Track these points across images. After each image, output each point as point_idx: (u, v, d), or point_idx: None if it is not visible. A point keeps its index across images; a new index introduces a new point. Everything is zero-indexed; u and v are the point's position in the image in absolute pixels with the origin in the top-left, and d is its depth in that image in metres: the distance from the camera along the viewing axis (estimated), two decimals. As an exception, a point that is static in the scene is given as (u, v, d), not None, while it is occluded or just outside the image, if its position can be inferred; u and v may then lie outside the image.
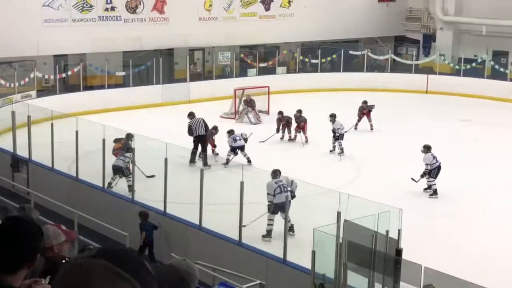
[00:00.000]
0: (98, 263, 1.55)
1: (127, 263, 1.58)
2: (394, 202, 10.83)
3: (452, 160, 17.00)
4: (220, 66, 32.31)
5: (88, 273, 1.53)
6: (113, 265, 1.55)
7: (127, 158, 15.93)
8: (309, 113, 22.23)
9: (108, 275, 1.53)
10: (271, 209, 13.23)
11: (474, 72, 31.20)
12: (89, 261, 1.57)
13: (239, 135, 18.91)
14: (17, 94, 24.09)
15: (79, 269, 1.55)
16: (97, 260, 1.56)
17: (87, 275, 1.53)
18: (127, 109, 26.44)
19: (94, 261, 1.56)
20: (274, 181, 13.46)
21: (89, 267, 1.54)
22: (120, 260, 1.57)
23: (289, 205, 12.82)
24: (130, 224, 13.27)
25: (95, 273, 1.53)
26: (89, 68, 27.90)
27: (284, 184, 13.41)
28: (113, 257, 1.57)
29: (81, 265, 1.56)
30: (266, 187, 13.35)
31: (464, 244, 13.71)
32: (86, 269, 1.54)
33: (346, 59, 32.75)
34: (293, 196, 13.39)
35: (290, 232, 12.97)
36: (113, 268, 1.54)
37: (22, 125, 17.75)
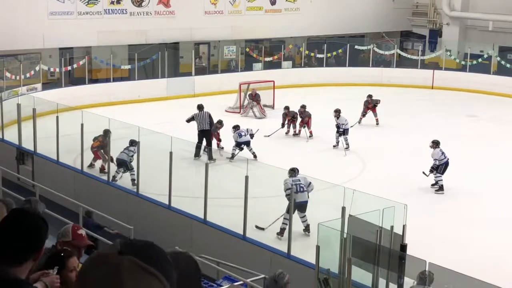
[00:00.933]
0: (126, 259, 1.53)
1: (153, 258, 1.57)
2: (399, 198, 10.81)
3: (457, 156, 16.96)
4: (225, 60, 32.28)
5: (118, 270, 1.52)
6: (141, 261, 1.53)
7: (131, 151, 15.93)
8: (314, 108, 22.20)
9: (137, 272, 1.52)
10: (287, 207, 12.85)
11: (480, 68, 31.08)
12: (117, 257, 1.54)
13: (244, 131, 18.86)
14: (23, 87, 24.10)
15: (107, 265, 1.54)
16: (125, 256, 1.54)
17: (116, 272, 1.51)
18: (132, 102, 26.45)
19: (122, 258, 1.53)
20: (291, 179, 13.14)
21: (118, 264, 1.53)
22: (146, 255, 1.56)
23: (306, 204, 12.82)
24: (135, 217, 13.30)
25: (124, 270, 1.51)
26: (94, 61, 27.90)
27: (301, 184, 13.10)
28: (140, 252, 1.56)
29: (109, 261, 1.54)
30: (284, 186, 12.95)
31: (469, 240, 13.69)
32: (115, 266, 1.53)
33: (352, 54, 32.67)
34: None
35: (306, 232, 12.94)
36: (142, 265, 1.53)
37: (27, 118, 17.77)
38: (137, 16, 28.79)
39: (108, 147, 16.19)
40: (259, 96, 25.26)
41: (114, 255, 1.55)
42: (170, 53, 29.51)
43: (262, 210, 13.83)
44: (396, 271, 9.45)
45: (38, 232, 2.65)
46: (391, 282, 9.58)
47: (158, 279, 1.54)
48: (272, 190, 14.27)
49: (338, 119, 20.55)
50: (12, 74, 24.38)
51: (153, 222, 13.43)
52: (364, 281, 9.68)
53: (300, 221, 12.99)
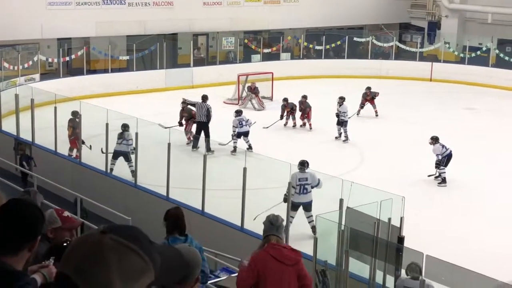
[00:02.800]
0: (108, 237, 1.57)
1: (134, 236, 1.60)
2: (397, 190, 10.82)
3: (455, 149, 16.96)
4: (224, 52, 32.23)
5: (100, 247, 1.55)
6: (122, 239, 1.57)
7: (129, 141, 15.90)
8: (313, 100, 22.17)
9: (119, 248, 1.55)
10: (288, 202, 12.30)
11: (479, 61, 31.08)
12: (98, 236, 1.58)
13: (245, 120, 18.84)
14: (21, 77, 24.07)
15: (89, 243, 1.57)
16: (107, 235, 1.57)
17: (99, 249, 1.55)
18: (130, 93, 26.42)
19: (104, 236, 1.57)
20: (298, 176, 12.80)
21: (100, 241, 1.56)
22: (127, 234, 1.60)
23: (310, 204, 12.72)
24: (133, 208, 13.30)
25: (106, 246, 1.55)
26: (92, 52, 27.86)
27: (307, 183, 12.80)
28: (121, 232, 1.60)
29: (91, 240, 1.58)
30: (290, 178, 12.36)
31: (467, 233, 13.71)
32: (97, 243, 1.56)
33: (351, 46, 32.64)
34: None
35: (313, 233, 12.04)
36: (123, 242, 1.56)
37: (25, 108, 17.74)
38: (136, 6, 28.73)
39: (79, 128, 16.26)
40: (257, 89, 25.25)
41: (96, 234, 1.58)
42: (169, 44, 29.47)
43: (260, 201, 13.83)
44: (393, 263, 9.46)
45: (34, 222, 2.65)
46: (388, 274, 9.59)
47: (140, 256, 1.57)
48: (271, 182, 14.28)
49: (340, 106, 20.51)
50: (10, 65, 24.33)
51: (151, 213, 13.41)
52: (361, 273, 9.70)
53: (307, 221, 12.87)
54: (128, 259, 1.56)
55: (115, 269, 1.54)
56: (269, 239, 6.51)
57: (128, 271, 1.55)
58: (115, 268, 1.54)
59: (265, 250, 6.49)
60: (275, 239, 6.49)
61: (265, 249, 6.48)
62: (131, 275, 1.56)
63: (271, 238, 6.49)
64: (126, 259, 1.56)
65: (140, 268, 1.58)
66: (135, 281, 1.57)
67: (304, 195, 12.78)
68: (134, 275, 1.57)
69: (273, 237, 6.50)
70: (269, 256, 6.41)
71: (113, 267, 1.54)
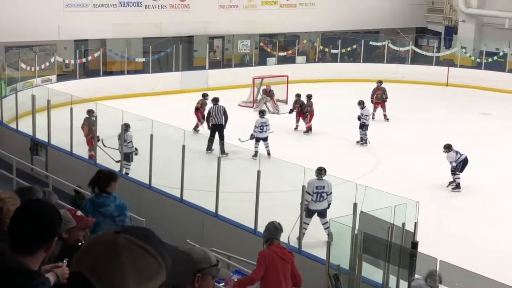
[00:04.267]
0: (122, 237, 1.59)
1: (147, 238, 1.62)
2: (411, 194, 10.77)
3: (470, 154, 16.85)
4: (239, 54, 32.28)
5: (116, 247, 1.57)
6: (137, 240, 1.59)
7: (130, 143, 16.04)
8: (327, 104, 22.17)
9: (134, 249, 1.57)
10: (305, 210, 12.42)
11: (495, 66, 30.89)
12: (113, 236, 1.60)
13: (267, 125, 18.72)
14: (37, 78, 24.24)
15: (105, 243, 1.59)
16: (122, 235, 1.59)
17: (114, 249, 1.57)
18: (146, 95, 26.52)
19: (118, 236, 1.59)
20: (316, 184, 12.68)
21: (115, 241, 1.58)
22: (141, 235, 1.62)
23: (325, 211, 12.64)
24: (147, 209, 13.34)
25: (122, 247, 1.57)
26: (109, 54, 27.99)
27: (324, 192, 12.71)
28: (135, 233, 1.62)
29: (106, 240, 1.60)
30: (307, 185, 12.35)
31: (481, 238, 13.63)
32: (112, 243, 1.58)
33: (367, 50, 32.56)
34: (328, 206, 12.81)
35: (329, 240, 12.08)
36: (138, 242, 1.58)
37: (41, 109, 17.86)
38: (152, 9, 28.84)
39: (93, 126, 16.47)
40: (273, 92, 25.26)
41: (110, 235, 1.61)
42: (184, 46, 29.56)
43: (274, 204, 13.83)
44: (407, 268, 9.42)
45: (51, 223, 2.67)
46: (401, 279, 9.56)
47: (154, 257, 1.60)
48: (285, 185, 14.27)
49: (362, 109, 20.51)
50: (27, 65, 24.51)
51: (164, 215, 13.47)
52: (374, 277, 9.67)
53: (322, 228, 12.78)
54: (143, 259, 1.58)
55: (130, 269, 1.56)
56: (273, 241, 8.10)
57: (143, 272, 1.58)
58: (130, 268, 1.56)
59: (271, 249, 8.03)
60: (278, 242, 8.15)
61: (271, 248, 8.04)
62: (145, 276, 1.58)
63: (275, 241, 8.12)
64: (141, 260, 1.58)
65: (153, 269, 1.60)
66: (149, 281, 1.59)
67: (320, 203, 12.70)
68: (148, 275, 1.59)
69: (276, 240, 8.13)
70: (275, 254, 7.98)
71: (128, 267, 1.56)
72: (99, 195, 7.84)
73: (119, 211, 7.88)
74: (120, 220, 7.86)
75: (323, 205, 12.72)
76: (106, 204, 7.81)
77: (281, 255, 8.01)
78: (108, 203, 7.80)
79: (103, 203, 7.81)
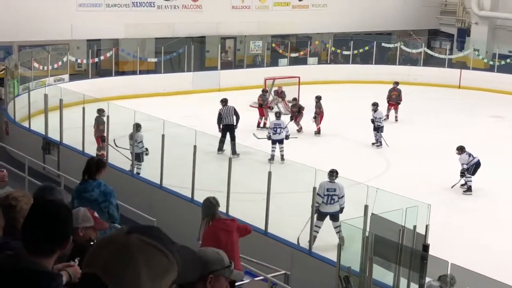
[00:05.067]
0: (135, 237, 1.60)
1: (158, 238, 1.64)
2: (423, 197, 10.74)
3: (482, 157, 16.78)
4: (251, 55, 32.30)
5: (128, 247, 1.59)
6: (148, 239, 1.61)
7: (140, 143, 16.09)
8: (340, 105, 22.14)
9: (146, 248, 1.59)
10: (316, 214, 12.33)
11: (508, 68, 30.75)
12: (125, 236, 1.62)
13: (281, 127, 18.46)
14: (50, 77, 24.36)
15: (117, 243, 1.61)
16: (134, 235, 1.61)
17: (127, 249, 1.58)
18: (158, 95, 26.58)
19: (130, 236, 1.61)
20: (327, 186, 12.61)
21: (127, 241, 1.60)
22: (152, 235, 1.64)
23: (338, 214, 12.53)
24: (157, 209, 13.37)
25: (134, 246, 1.59)
26: (121, 54, 28.09)
27: (335, 195, 12.61)
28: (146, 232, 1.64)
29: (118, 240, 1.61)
30: (318, 187, 12.29)
31: (493, 242, 13.55)
32: (124, 243, 1.60)
33: (379, 51, 32.50)
34: (341, 210, 12.69)
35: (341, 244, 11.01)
36: (150, 242, 1.60)
37: (54, 108, 17.94)
38: (165, 9, 28.91)
39: (102, 126, 16.68)
40: (284, 93, 25.25)
41: (122, 235, 1.62)
42: (197, 47, 29.61)
43: (284, 206, 13.82)
44: (418, 271, 9.39)
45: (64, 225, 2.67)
46: (412, 282, 9.53)
47: (166, 255, 1.61)
48: (295, 187, 14.25)
49: (375, 112, 20.44)
50: (40, 65, 24.64)
51: (175, 215, 13.49)
52: (385, 280, 9.65)
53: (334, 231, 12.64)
54: (155, 258, 1.60)
55: (143, 268, 1.57)
56: (214, 216, 8.35)
57: (155, 270, 1.59)
58: (144, 267, 1.57)
59: (214, 225, 8.28)
60: (218, 216, 8.42)
61: (214, 224, 8.29)
62: (158, 274, 1.60)
63: (215, 216, 8.37)
64: (154, 259, 1.60)
65: (166, 267, 1.62)
66: (161, 279, 1.61)
67: (331, 205, 12.61)
68: (160, 274, 1.61)
69: (216, 215, 8.39)
70: (218, 228, 8.26)
71: (142, 266, 1.57)
72: (85, 182, 7.94)
73: (104, 197, 7.91)
74: (105, 206, 7.87)
75: (334, 207, 12.65)
76: (90, 189, 7.85)
77: (223, 227, 8.38)
78: (92, 188, 7.85)
79: (86, 189, 7.87)
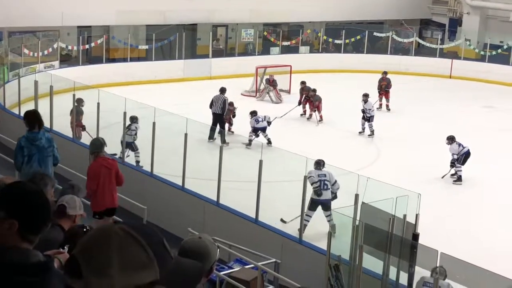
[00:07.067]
0: (119, 227, 1.68)
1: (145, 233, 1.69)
2: (413, 186, 10.78)
3: (472, 147, 16.85)
4: (242, 43, 32.22)
5: (108, 233, 1.67)
6: (130, 230, 1.67)
7: (133, 131, 16.04)
8: (331, 94, 22.14)
9: (125, 237, 1.65)
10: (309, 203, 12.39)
11: (499, 59, 30.84)
12: (111, 226, 1.71)
13: (262, 117, 18.78)
14: (40, 64, 24.22)
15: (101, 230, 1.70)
16: (120, 225, 1.69)
17: (106, 234, 1.67)
18: (148, 83, 26.50)
19: (115, 226, 1.69)
20: (317, 173, 12.61)
21: (109, 230, 1.68)
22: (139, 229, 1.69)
23: (330, 203, 12.53)
24: (149, 197, 13.36)
25: (113, 233, 1.66)
26: (112, 41, 27.95)
27: (326, 180, 12.63)
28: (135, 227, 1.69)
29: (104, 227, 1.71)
30: (311, 175, 12.35)
31: (483, 232, 13.63)
32: (106, 230, 1.69)
33: (370, 41, 32.49)
34: (334, 197, 12.70)
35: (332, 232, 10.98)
36: (131, 232, 1.66)
37: (44, 95, 17.84)
38: (156, -4, 28.76)
39: (81, 116, 16.85)
40: (276, 82, 25.23)
41: (110, 224, 1.73)
42: (188, 34, 29.51)
43: (275, 194, 13.85)
44: (408, 260, 9.44)
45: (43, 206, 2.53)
46: (402, 270, 9.58)
47: (144, 249, 1.65)
48: (286, 175, 14.28)
49: (365, 103, 20.47)
50: (30, 51, 24.47)
51: (166, 203, 13.49)
52: (375, 268, 9.69)
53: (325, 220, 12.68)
54: (131, 249, 1.64)
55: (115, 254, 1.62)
56: (99, 154, 9.95)
57: (129, 260, 1.63)
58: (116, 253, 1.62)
59: (98, 162, 9.92)
60: (103, 154, 10.02)
61: (98, 161, 9.93)
62: (131, 265, 1.63)
63: (100, 154, 9.98)
64: (129, 249, 1.64)
65: (140, 261, 1.64)
66: (135, 272, 1.63)
67: (325, 191, 12.56)
68: (134, 266, 1.63)
69: (101, 153, 9.99)
70: (102, 165, 9.88)
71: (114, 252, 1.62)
72: (32, 132, 9.17)
73: (49, 142, 9.40)
74: (50, 150, 9.38)
75: (326, 194, 12.65)
76: (39, 138, 9.25)
77: (106, 165, 9.93)
78: (41, 137, 9.29)
79: (36, 137, 9.22)
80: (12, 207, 2.24)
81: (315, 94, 21.75)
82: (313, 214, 12.58)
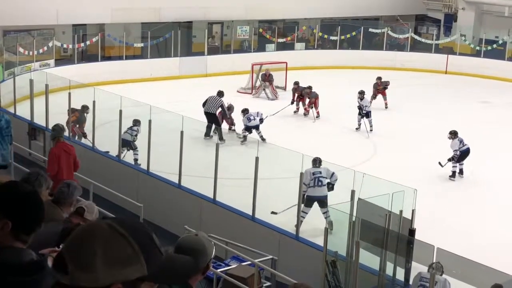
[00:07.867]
0: (105, 222, 1.67)
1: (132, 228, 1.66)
2: (409, 182, 10.78)
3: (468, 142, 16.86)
4: (238, 40, 32.18)
5: (91, 228, 1.66)
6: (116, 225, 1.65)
7: (134, 131, 16.02)
8: (327, 91, 22.13)
9: (110, 232, 1.63)
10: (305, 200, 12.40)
11: (494, 54, 30.85)
12: (97, 221, 1.71)
13: (254, 114, 18.73)
14: (36, 63, 24.16)
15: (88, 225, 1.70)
16: (107, 221, 1.67)
17: (90, 229, 1.66)
18: (144, 80, 26.46)
19: (102, 221, 1.67)
20: (312, 171, 12.66)
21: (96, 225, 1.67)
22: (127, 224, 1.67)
23: (326, 199, 12.53)
24: (145, 195, 13.35)
25: (97, 228, 1.64)
26: (107, 39, 27.90)
27: (322, 176, 12.66)
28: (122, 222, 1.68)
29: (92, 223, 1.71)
30: (304, 175, 12.18)
31: (479, 228, 13.66)
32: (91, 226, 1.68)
33: (366, 37, 32.49)
34: (331, 189, 12.71)
35: (329, 229, 10.85)
36: (117, 228, 1.64)
37: (40, 94, 17.80)
38: (151, -6, 28.70)
39: (84, 123, 16.83)
40: (272, 77, 25.18)
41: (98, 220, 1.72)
42: (183, 32, 29.46)
43: (271, 191, 13.84)
44: (404, 256, 9.47)
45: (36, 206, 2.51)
46: (398, 266, 9.60)
47: (130, 244, 1.63)
48: (283, 172, 14.28)
49: (361, 100, 20.47)
50: (25, 50, 24.40)
51: (163, 201, 13.48)
52: (371, 264, 9.70)
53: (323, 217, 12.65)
54: (117, 244, 1.62)
55: (99, 249, 1.60)
56: (59, 139, 10.47)
57: (113, 256, 1.61)
58: (100, 248, 1.60)
59: (58, 146, 10.43)
60: (62, 139, 10.58)
61: (58, 146, 10.44)
62: (116, 260, 1.61)
63: (60, 138, 10.51)
64: (114, 244, 1.62)
65: (126, 256, 1.62)
66: (120, 267, 1.61)
67: (319, 188, 12.58)
68: (119, 261, 1.61)
69: (61, 138, 10.54)
70: (62, 150, 10.41)
71: (98, 247, 1.60)
72: None
73: (8, 123, 10.44)
74: (8, 131, 10.40)
75: (322, 191, 12.64)
76: None
77: (65, 149, 10.48)
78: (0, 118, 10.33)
79: None
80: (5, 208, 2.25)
81: (311, 91, 21.75)
82: (309, 210, 12.57)
